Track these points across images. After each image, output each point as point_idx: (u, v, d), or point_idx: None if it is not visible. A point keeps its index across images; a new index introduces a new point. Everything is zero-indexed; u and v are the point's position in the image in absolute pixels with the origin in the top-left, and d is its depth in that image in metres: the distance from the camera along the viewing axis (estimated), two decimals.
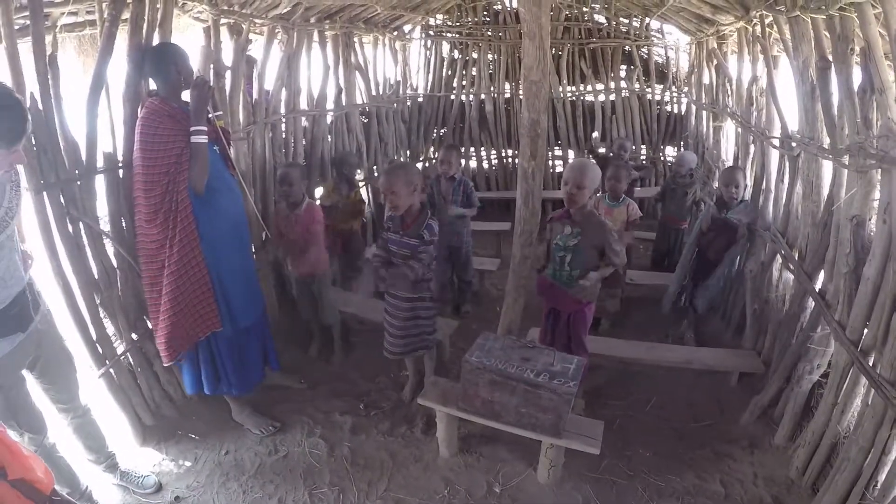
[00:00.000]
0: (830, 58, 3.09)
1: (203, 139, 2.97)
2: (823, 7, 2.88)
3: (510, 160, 8.28)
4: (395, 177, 3.32)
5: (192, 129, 2.94)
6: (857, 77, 2.83)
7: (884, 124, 2.57)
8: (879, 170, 2.66)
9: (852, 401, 2.79)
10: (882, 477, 2.42)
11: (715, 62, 6.13)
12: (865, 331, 2.74)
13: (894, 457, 2.37)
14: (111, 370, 3.22)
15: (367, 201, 6.19)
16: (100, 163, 3.11)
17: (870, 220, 2.86)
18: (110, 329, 3.28)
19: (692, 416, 3.72)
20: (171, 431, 3.52)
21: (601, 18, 7.83)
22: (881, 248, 2.61)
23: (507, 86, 8.09)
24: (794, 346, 3.45)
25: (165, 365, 3.24)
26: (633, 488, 3.13)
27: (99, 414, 3.02)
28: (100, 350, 3.16)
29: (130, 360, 3.40)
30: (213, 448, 3.42)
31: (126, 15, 3.02)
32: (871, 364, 2.62)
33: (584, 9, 7.71)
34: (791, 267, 3.72)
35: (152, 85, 3.16)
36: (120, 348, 3.31)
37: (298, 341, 4.51)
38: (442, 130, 8.32)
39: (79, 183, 2.97)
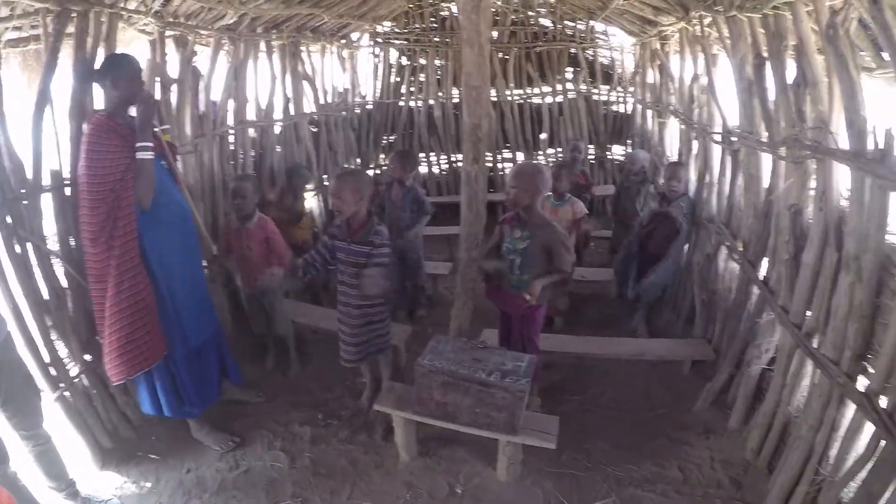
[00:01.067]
0: (766, 55, 3.23)
1: (149, 155, 2.90)
2: (758, 6, 3.00)
3: (460, 164, 8.30)
4: (343, 182, 3.33)
5: (138, 144, 2.87)
6: (790, 72, 2.96)
7: (817, 116, 2.71)
8: (814, 160, 2.79)
9: (800, 382, 2.91)
10: (833, 452, 2.52)
11: (658, 62, 6.33)
12: (808, 314, 2.86)
13: (843, 432, 2.47)
14: (66, 393, 3.11)
15: (319, 211, 6.14)
16: (46, 181, 3.02)
17: (807, 208, 2.99)
18: (63, 351, 3.17)
19: (647, 405, 3.81)
20: (131, 453, 3.41)
21: (547, 22, 7.98)
22: (818, 234, 2.74)
23: (456, 91, 8.14)
24: (742, 332, 3.58)
25: (114, 384, 3.15)
26: (592, 480, 3.18)
27: (57, 439, 2.91)
28: (53, 373, 3.05)
29: (85, 382, 3.29)
30: (174, 467, 3.33)
31: (71, 29, 2.96)
32: (815, 346, 2.74)
33: (530, 13, 7.85)
34: (735, 257, 3.85)
35: (98, 101, 3.08)
36: (74, 371, 3.20)
37: (254, 355, 4.43)
38: (391, 137, 8.30)
39: (25, 202, 2.89)
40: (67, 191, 3.11)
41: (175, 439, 3.51)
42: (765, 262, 3.49)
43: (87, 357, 3.27)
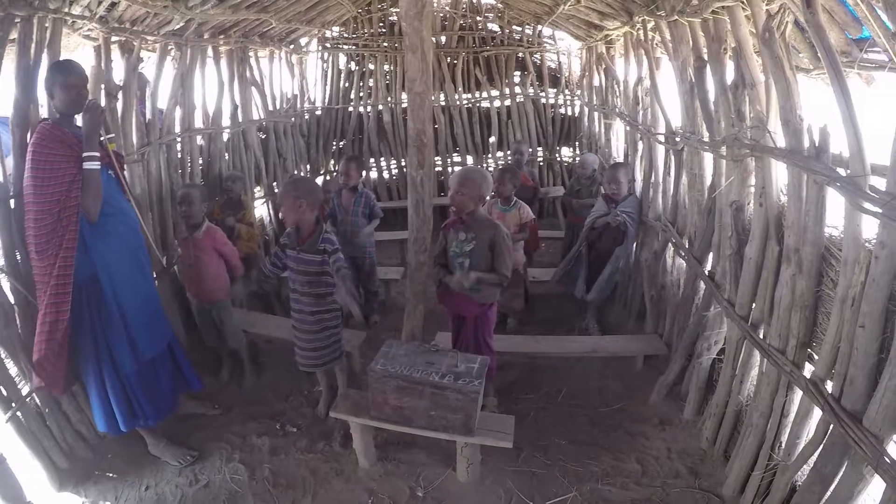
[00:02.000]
0: (706, 57, 3.35)
1: (95, 165, 2.83)
2: (698, 11, 3.11)
3: None
4: (283, 192, 3.39)
5: (85, 154, 2.80)
6: (730, 74, 3.08)
7: (755, 116, 2.83)
8: (753, 158, 2.92)
9: (749, 371, 3.02)
10: (784, 438, 2.63)
11: (604, 66, 6.46)
12: (753, 306, 2.98)
13: (792, 418, 2.57)
14: (18, 413, 2.97)
15: (268, 218, 6.06)
16: None
17: (748, 204, 3.12)
18: (13, 370, 3.03)
19: (603, 401, 3.89)
20: (88, 472, 3.29)
21: (495, 27, 8.08)
22: (759, 229, 2.86)
23: (405, 96, 8.14)
24: (692, 326, 3.69)
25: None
26: (552, 476, 3.22)
27: (11, 461, 2.81)
28: (4, 392, 2.92)
29: (38, 401, 3.15)
30: (133, 485, 3.24)
31: (14, 35, 2.86)
32: (761, 336, 2.85)
33: (478, 18, 7.93)
34: (682, 253, 3.97)
35: (43, 111, 2.98)
36: (25, 389, 3.07)
37: (208, 367, 4.32)
38: (341, 143, 8.26)
39: None
40: (12, 203, 2.97)
41: (133, 456, 3.42)
42: (710, 258, 3.61)
43: None
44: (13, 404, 2.94)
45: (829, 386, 2.30)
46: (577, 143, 8.19)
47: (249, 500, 3.13)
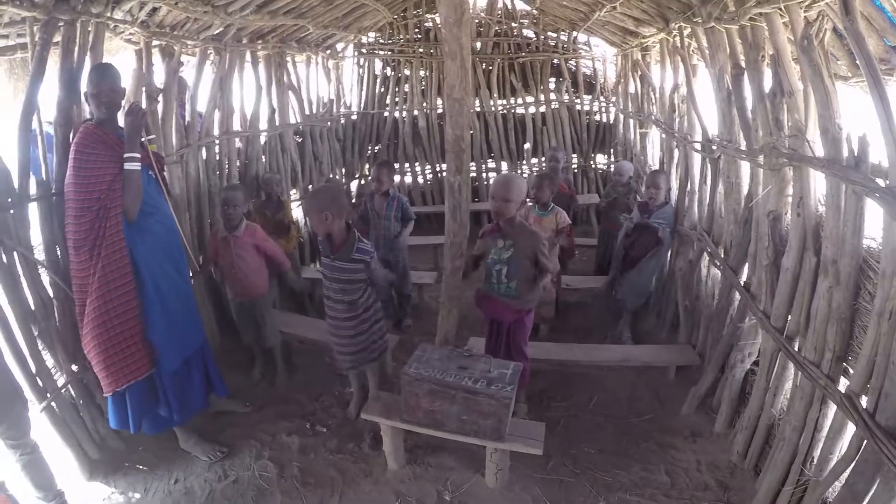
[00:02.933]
0: (743, 65, 3.30)
1: (136, 166, 2.91)
2: (736, 18, 3.07)
3: (445, 174, 8.33)
4: (307, 204, 3.41)
5: (126, 155, 2.88)
6: (767, 82, 3.03)
7: (793, 125, 2.78)
8: (791, 167, 2.86)
9: (783, 384, 2.96)
10: (817, 453, 2.56)
11: (639, 72, 6.41)
12: (789, 318, 2.92)
13: (826, 433, 2.51)
14: (53, 404, 3.08)
15: (302, 220, 6.14)
16: (32, 190, 3.00)
17: (785, 214, 3.06)
18: (50, 361, 3.14)
19: (634, 411, 3.84)
20: (119, 464, 3.39)
21: (530, 33, 8.07)
22: (797, 239, 2.80)
23: (440, 101, 8.18)
24: (725, 337, 3.63)
25: (106, 395, 3.12)
26: (580, 485, 3.19)
27: (44, 449, 2.89)
28: (40, 383, 3.03)
29: (72, 392, 3.26)
30: (162, 478, 3.31)
31: (57, 38, 2.96)
32: (796, 349, 2.80)
33: (514, 24, 7.94)
34: (717, 263, 3.91)
35: (86, 111, 3.08)
36: (60, 381, 3.18)
37: (241, 365, 4.42)
38: (376, 147, 8.34)
39: (12, 212, 2.87)
40: (54, 200, 3.09)
41: (163, 450, 3.50)
42: (746, 268, 3.54)
43: (74, 367, 3.25)
44: (48, 395, 3.05)
45: (863, 401, 2.24)
46: (611, 151, 8.12)
47: (277, 498, 3.17)
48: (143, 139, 3.03)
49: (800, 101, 2.73)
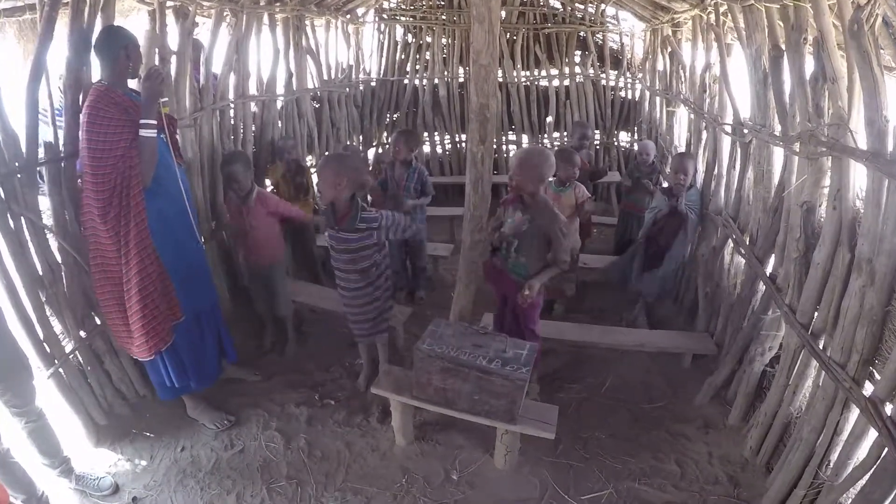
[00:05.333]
0: (783, 47, 3.14)
1: (152, 133, 2.86)
2: None
3: (464, 145, 8.24)
4: (323, 165, 3.37)
5: (142, 121, 2.82)
6: (809, 66, 2.88)
7: (835, 113, 2.63)
8: (830, 157, 2.72)
9: (803, 382, 2.88)
10: (834, 456, 2.50)
11: (669, 49, 6.21)
12: (816, 314, 2.82)
13: (846, 437, 2.44)
14: (60, 370, 3.08)
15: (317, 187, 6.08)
16: (41, 154, 2.95)
17: (820, 206, 2.93)
18: (57, 327, 3.14)
19: (647, 397, 3.79)
20: (126, 430, 3.41)
21: (557, 4, 7.85)
22: (831, 233, 2.68)
23: (461, 70, 8.04)
24: (746, 328, 3.54)
25: (144, 360, 3.15)
26: (589, 470, 3.17)
27: (51, 416, 2.89)
28: (47, 349, 3.03)
29: (80, 358, 3.26)
30: (169, 446, 3.33)
31: None
32: (821, 347, 2.70)
33: None
34: (742, 251, 3.80)
35: (94, 73, 3.00)
36: (68, 347, 3.17)
37: (251, 333, 4.41)
38: (395, 115, 8.22)
39: (19, 176, 2.82)
40: (62, 164, 3.05)
41: (170, 417, 3.52)
42: (772, 259, 3.44)
43: (82, 333, 3.24)
44: (56, 361, 3.05)
45: (888, 408, 2.16)
46: (635, 129, 7.94)
47: (283, 469, 3.18)
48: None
49: (843, 89, 2.58)
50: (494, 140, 7.63)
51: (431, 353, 2.96)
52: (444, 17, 7.86)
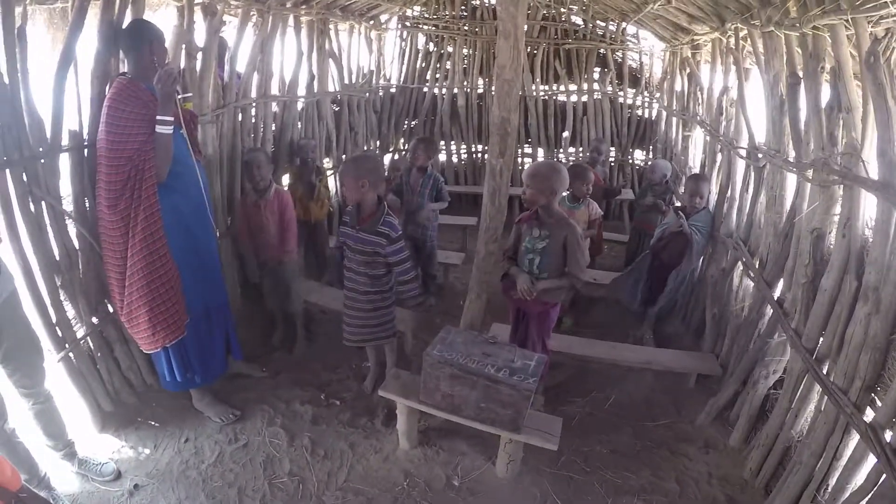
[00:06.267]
0: (801, 74, 3.18)
1: (167, 129, 2.89)
2: (797, 25, 2.95)
3: (479, 155, 8.32)
4: (344, 168, 3.40)
5: (158, 118, 2.86)
6: (825, 95, 2.92)
7: (848, 142, 2.67)
8: (841, 186, 2.76)
9: (806, 407, 2.90)
10: (832, 481, 2.52)
11: (688, 70, 6.25)
12: (821, 340, 2.84)
13: (845, 462, 2.46)
14: (70, 354, 3.13)
15: (334, 189, 6.15)
16: (65, 141, 3.01)
17: (829, 233, 2.96)
18: (70, 312, 3.19)
19: (650, 415, 3.80)
20: (131, 418, 3.45)
21: (578, 20, 7.92)
22: (839, 261, 2.71)
23: (481, 81, 8.12)
24: (752, 351, 3.55)
25: (149, 351, 3.21)
26: (590, 484, 3.18)
27: (58, 399, 2.95)
28: (59, 333, 3.08)
29: (91, 344, 3.31)
30: (173, 435, 3.37)
31: None
32: (825, 372, 2.72)
33: (562, 9, 7.78)
34: (751, 274, 3.82)
35: (123, 65, 3.08)
36: (80, 332, 3.22)
37: (260, 330, 4.46)
38: (413, 122, 8.29)
39: (43, 161, 2.88)
40: (85, 152, 3.11)
41: (176, 408, 3.56)
42: (780, 283, 3.46)
43: (95, 319, 3.30)
44: (67, 345, 3.10)
45: (888, 435, 2.19)
46: (651, 148, 7.97)
47: (286, 466, 3.21)
48: (178, 96, 3.00)
49: (857, 119, 2.61)
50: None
51: (441, 360, 2.99)
52: (466, 28, 7.95)
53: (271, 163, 4.05)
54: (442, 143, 8.23)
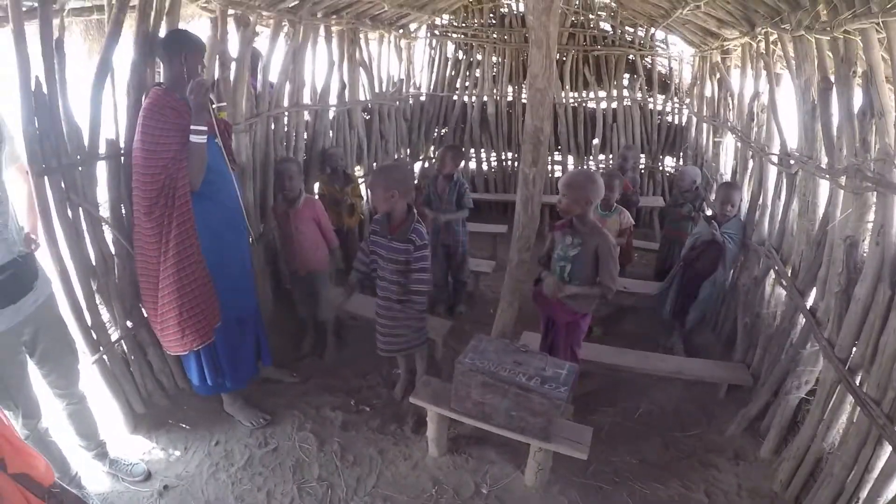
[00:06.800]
0: (832, 79, 3.13)
1: (201, 139, 2.95)
2: (828, 29, 2.91)
3: (510, 163, 8.30)
4: (374, 178, 3.43)
5: (192, 127, 2.92)
6: (857, 99, 2.87)
7: (882, 148, 2.61)
8: (875, 192, 2.70)
9: (838, 418, 2.83)
10: (864, 494, 2.46)
11: (718, 76, 6.18)
12: (854, 350, 2.78)
13: (877, 474, 2.41)
14: (104, 357, 3.22)
15: (366, 197, 6.21)
16: (102, 149, 3.10)
17: (863, 241, 2.89)
18: (105, 316, 3.27)
19: (680, 425, 3.76)
20: (162, 420, 3.53)
21: (607, 26, 7.88)
22: (873, 269, 2.65)
23: (510, 89, 8.11)
24: (784, 361, 3.49)
25: (175, 353, 3.28)
26: (618, 494, 3.15)
27: (92, 400, 3.03)
28: (94, 336, 3.16)
29: (124, 347, 3.40)
30: (204, 438, 3.43)
31: (134, 1, 3.02)
32: (858, 383, 2.67)
33: (591, 16, 7.76)
34: (784, 283, 3.75)
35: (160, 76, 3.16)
36: (114, 335, 3.31)
37: (291, 335, 4.51)
38: (443, 130, 8.33)
39: (80, 168, 2.97)
40: (122, 160, 3.19)
41: (207, 411, 3.62)
42: (813, 292, 3.39)
43: (129, 323, 3.38)
44: (101, 348, 3.19)
45: None
46: (681, 154, 7.87)
47: (315, 471, 3.24)
48: (213, 106, 3.06)
49: (890, 125, 2.56)
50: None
51: (473, 368, 3.00)
52: (495, 36, 7.95)
53: (302, 172, 4.11)
54: (472, 150, 8.26)
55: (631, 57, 7.88)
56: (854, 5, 2.57)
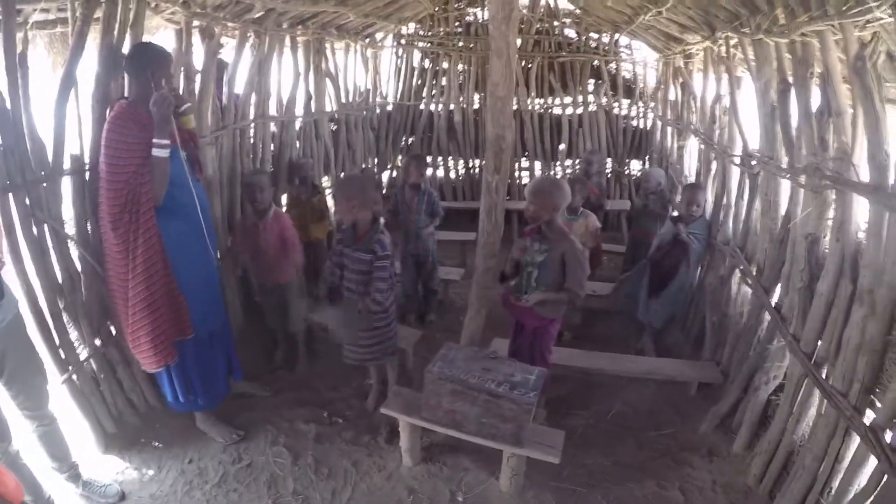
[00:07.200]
0: (791, 80, 3.21)
1: (163, 153, 2.89)
2: (786, 32, 2.99)
3: (477, 170, 8.32)
4: (335, 190, 3.42)
5: (154, 141, 2.87)
6: (815, 100, 2.95)
7: (839, 147, 2.69)
8: (834, 190, 2.78)
9: (807, 411, 2.90)
10: (835, 484, 2.52)
11: (681, 80, 6.31)
12: (819, 344, 2.85)
13: (847, 464, 2.46)
14: (73, 376, 3.14)
15: (333, 208, 6.17)
16: (67, 164, 3.03)
17: (824, 237, 2.98)
18: (73, 334, 3.20)
19: (652, 425, 3.79)
20: (134, 439, 3.45)
21: (571, 33, 7.96)
22: (834, 265, 2.73)
23: (476, 96, 8.16)
24: (752, 357, 3.56)
25: (151, 371, 3.22)
26: (593, 497, 3.16)
27: (62, 421, 2.94)
28: (62, 356, 3.08)
29: (93, 366, 3.32)
30: (177, 456, 3.37)
31: (98, 14, 2.97)
32: (824, 376, 2.73)
33: (556, 23, 7.84)
34: (749, 281, 3.83)
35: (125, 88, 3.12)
36: (83, 354, 3.23)
37: (262, 349, 4.46)
38: (410, 139, 8.33)
39: (45, 185, 2.90)
40: (87, 175, 3.13)
41: (179, 429, 3.55)
42: (778, 289, 3.47)
43: (97, 341, 3.31)
44: (70, 367, 3.11)
45: (888, 436, 2.20)
46: (647, 158, 7.99)
47: (290, 485, 3.20)
48: (179, 109, 3.00)
49: (847, 124, 2.64)
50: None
51: (442, 376, 3.00)
52: (460, 44, 7.99)
53: (272, 185, 4.07)
54: (440, 158, 8.27)
55: (596, 63, 7.98)
56: (811, 8, 2.64)
